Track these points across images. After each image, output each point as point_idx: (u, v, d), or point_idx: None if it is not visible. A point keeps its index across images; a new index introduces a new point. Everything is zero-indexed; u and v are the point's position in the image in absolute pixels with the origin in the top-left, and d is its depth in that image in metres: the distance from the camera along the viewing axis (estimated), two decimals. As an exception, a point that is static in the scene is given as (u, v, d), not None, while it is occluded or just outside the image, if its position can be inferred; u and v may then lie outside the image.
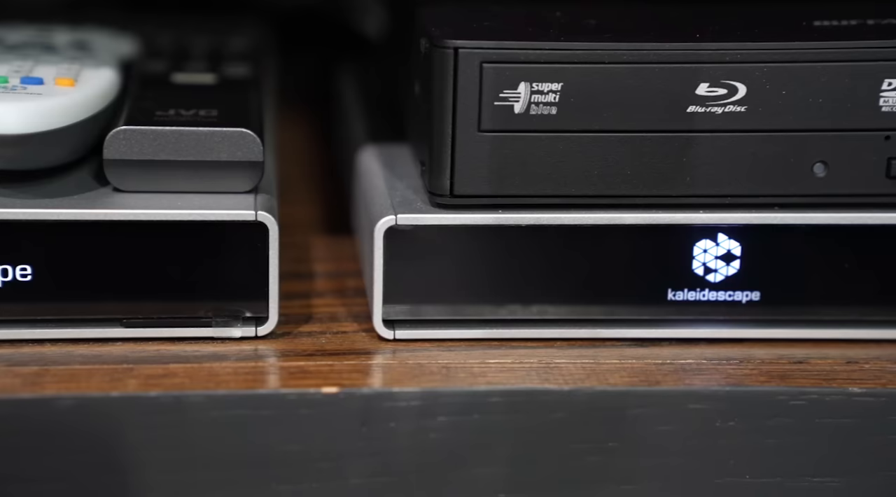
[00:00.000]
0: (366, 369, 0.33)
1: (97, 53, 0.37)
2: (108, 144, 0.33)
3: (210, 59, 0.40)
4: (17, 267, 0.32)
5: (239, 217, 0.33)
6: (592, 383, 0.32)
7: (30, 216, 0.32)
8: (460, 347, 0.34)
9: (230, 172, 0.34)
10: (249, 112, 0.35)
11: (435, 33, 0.32)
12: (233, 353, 0.33)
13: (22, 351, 0.32)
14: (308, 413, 0.31)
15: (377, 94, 0.44)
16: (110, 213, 0.32)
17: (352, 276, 0.38)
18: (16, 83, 0.33)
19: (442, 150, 0.33)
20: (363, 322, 0.35)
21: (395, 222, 0.33)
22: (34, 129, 0.32)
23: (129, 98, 0.35)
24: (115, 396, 0.30)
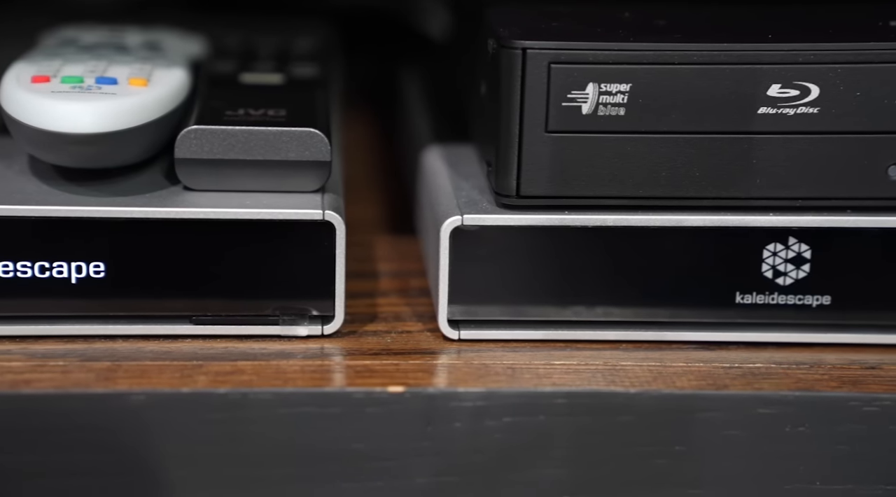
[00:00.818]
0: (431, 369, 0.33)
1: (168, 54, 0.38)
2: (179, 144, 0.33)
3: (277, 59, 0.40)
4: (91, 264, 0.33)
5: (306, 216, 0.33)
6: (659, 386, 0.32)
7: (103, 214, 0.32)
8: (524, 348, 0.34)
9: (298, 172, 0.34)
10: (317, 112, 0.35)
11: (503, 34, 0.32)
12: (299, 351, 0.33)
13: (95, 346, 0.33)
14: (374, 412, 0.31)
15: (441, 94, 0.44)
16: (181, 212, 0.33)
17: (415, 275, 0.38)
18: (91, 83, 0.33)
19: (508, 150, 0.33)
20: (427, 322, 0.35)
21: (461, 223, 0.33)
22: (109, 128, 0.32)
23: (198, 98, 0.36)
24: (185, 392, 0.31)
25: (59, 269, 0.32)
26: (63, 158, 0.33)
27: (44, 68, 0.34)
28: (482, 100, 0.36)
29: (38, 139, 0.32)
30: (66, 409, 0.30)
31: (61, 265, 0.32)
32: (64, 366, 0.31)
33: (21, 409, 0.30)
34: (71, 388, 0.30)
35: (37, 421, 0.30)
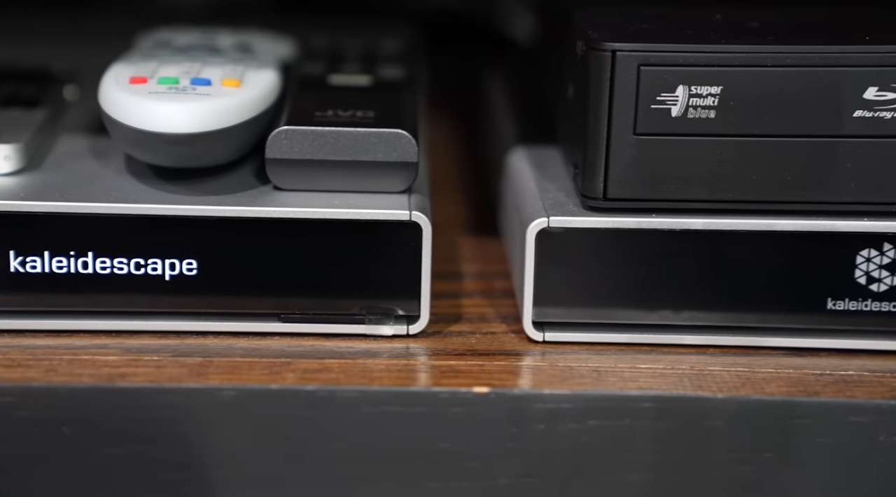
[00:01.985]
0: (515, 370, 0.33)
1: (259, 55, 0.38)
2: (270, 144, 0.34)
3: (364, 61, 0.41)
4: (184, 261, 0.33)
5: (394, 217, 0.33)
6: (748, 392, 0.31)
7: (196, 212, 0.33)
8: (610, 351, 0.34)
9: (386, 172, 0.34)
10: (404, 113, 0.36)
11: (592, 36, 0.32)
12: (385, 351, 0.34)
13: (187, 342, 0.33)
14: (459, 412, 0.32)
15: (526, 96, 0.44)
16: (271, 211, 0.33)
17: (499, 277, 0.38)
18: (186, 84, 0.34)
19: (596, 153, 0.33)
20: (512, 323, 0.35)
21: (548, 224, 0.33)
22: (203, 128, 0.33)
23: (288, 99, 0.36)
24: (275, 389, 0.31)
25: (153, 266, 0.33)
26: (158, 158, 0.34)
27: (141, 70, 0.35)
28: (569, 102, 0.35)
29: (135, 139, 0.33)
30: (160, 404, 0.31)
31: (156, 262, 0.33)
32: (158, 361, 0.32)
33: (117, 402, 0.31)
34: (165, 382, 0.31)
35: (132, 414, 0.31)
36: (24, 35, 0.48)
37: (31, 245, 0.33)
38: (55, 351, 0.32)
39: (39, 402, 0.30)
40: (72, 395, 0.31)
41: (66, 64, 0.42)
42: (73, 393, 0.31)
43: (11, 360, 0.32)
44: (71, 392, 0.31)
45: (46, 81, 0.40)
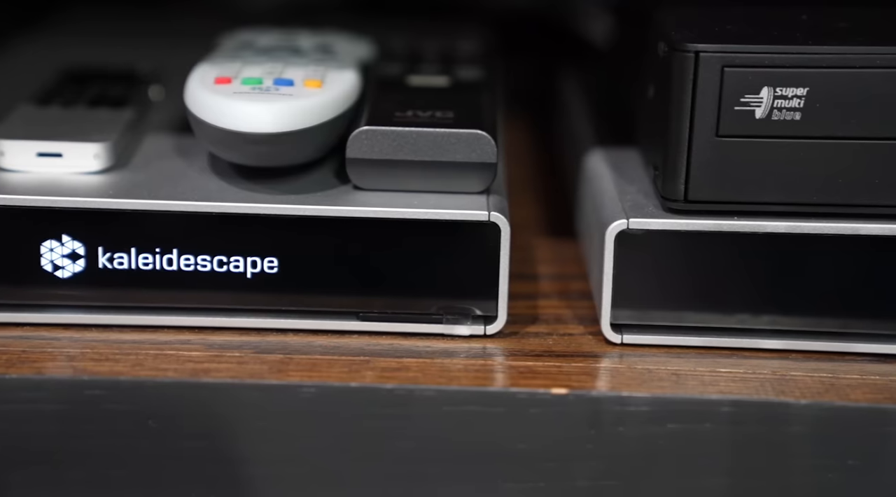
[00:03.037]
0: (594, 372, 0.33)
1: (339, 56, 0.39)
2: (350, 144, 0.34)
3: (442, 61, 0.41)
4: (265, 259, 0.34)
5: (472, 217, 0.33)
6: (832, 398, 0.31)
7: (277, 211, 0.33)
8: (689, 355, 0.34)
9: (465, 173, 0.34)
10: (483, 114, 0.36)
11: (675, 37, 0.32)
12: (462, 350, 0.34)
13: (268, 339, 0.34)
14: (537, 413, 0.32)
15: (603, 97, 0.44)
16: (351, 210, 0.33)
17: (576, 278, 0.38)
18: (269, 85, 0.35)
19: (677, 154, 0.33)
20: (589, 325, 0.35)
21: (627, 226, 0.33)
22: (286, 128, 0.33)
23: (368, 99, 0.37)
24: (354, 387, 0.32)
25: (235, 264, 0.34)
26: (242, 157, 0.34)
27: (225, 70, 0.36)
28: (649, 103, 0.35)
29: (220, 138, 0.34)
30: (242, 399, 0.31)
31: (238, 260, 0.34)
32: (240, 357, 0.33)
33: (201, 397, 0.31)
34: (246, 378, 0.32)
35: (215, 408, 0.31)
36: (109, 36, 0.49)
37: (118, 242, 0.33)
38: (141, 346, 0.33)
39: (127, 396, 0.31)
40: (157, 389, 0.31)
41: (150, 64, 0.43)
42: (159, 387, 0.31)
43: (100, 354, 0.32)
44: (156, 386, 0.31)
45: (132, 82, 0.41)
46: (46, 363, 0.32)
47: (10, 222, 0.33)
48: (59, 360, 0.32)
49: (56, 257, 0.33)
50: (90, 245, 0.33)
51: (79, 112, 0.37)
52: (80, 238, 0.33)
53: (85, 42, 0.47)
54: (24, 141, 0.34)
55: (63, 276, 0.33)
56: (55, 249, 0.33)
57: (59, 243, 0.33)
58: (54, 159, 0.34)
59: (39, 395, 0.31)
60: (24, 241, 0.33)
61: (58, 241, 0.33)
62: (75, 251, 0.33)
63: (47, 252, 0.33)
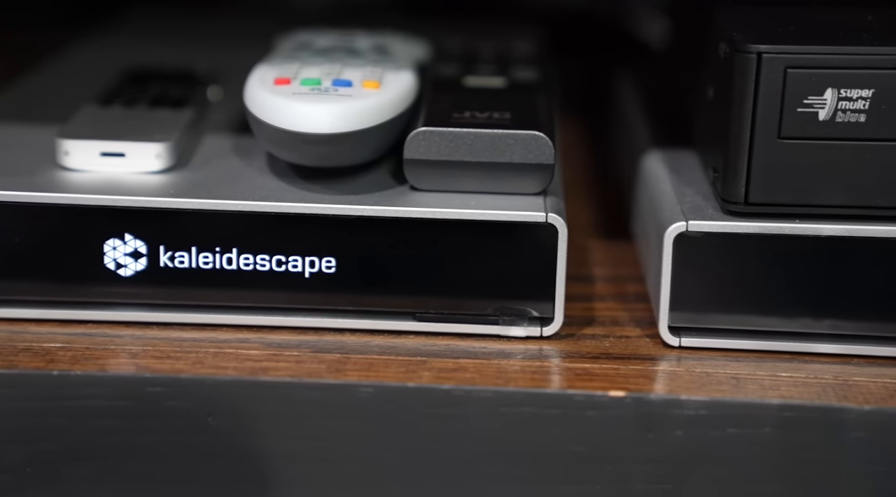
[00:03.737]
0: (651, 375, 0.33)
1: (396, 57, 0.39)
2: (408, 144, 0.34)
3: (498, 63, 0.41)
4: (323, 259, 0.34)
5: (530, 218, 0.33)
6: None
7: (335, 211, 0.34)
8: (748, 358, 0.33)
9: (522, 174, 0.34)
10: (540, 115, 0.36)
11: (737, 37, 0.32)
12: (519, 352, 0.34)
13: (325, 338, 0.34)
14: (594, 415, 0.31)
15: (660, 99, 0.44)
16: (408, 211, 0.34)
17: (632, 280, 0.38)
18: (328, 85, 0.35)
19: (738, 156, 0.32)
20: (646, 327, 0.35)
21: (686, 229, 0.33)
22: (344, 128, 0.34)
23: (425, 100, 0.37)
24: (411, 387, 0.32)
25: (293, 264, 0.34)
26: (301, 157, 0.34)
27: (284, 71, 0.36)
28: (708, 104, 0.35)
29: (279, 138, 0.34)
30: (300, 398, 0.32)
31: (296, 260, 0.34)
32: (298, 356, 0.33)
33: (259, 395, 0.32)
34: (304, 377, 0.32)
35: (273, 406, 0.32)
36: (168, 38, 0.49)
37: (179, 241, 0.34)
38: (201, 344, 0.33)
39: (187, 393, 0.31)
40: (217, 387, 0.31)
41: (207, 65, 0.43)
42: (219, 385, 0.31)
43: (161, 351, 0.33)
44: (216, 384, 0.31)
45: (191, 82, 0.41)
46: (109, 360, 0.32)
47: (74, 221, 0.33)
48: (122, 358, 0.32)
49: (119, 256, 0.34)
50: (152, 244, 0.34)
51: (140, 112, 0.37)
52: (142, 237, 0.33)
53: (145, 43, 0.48)
54: (88, 141, 0.35)
55: (125, 275, 0.34)
56: (118, 248, 0.34)
57: (121, 242, 0.34)
58: (117, 159, 0.35)
59: (102, 392, 0.31)
60: (88, 240, 0.33)
61: (121, 240, 0.34)
62: (137, 250, 0.34)
63: (110, 250, 0.34)
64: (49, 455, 0.31)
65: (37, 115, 0.39)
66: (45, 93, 0.42)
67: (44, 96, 0.42)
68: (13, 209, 0.33)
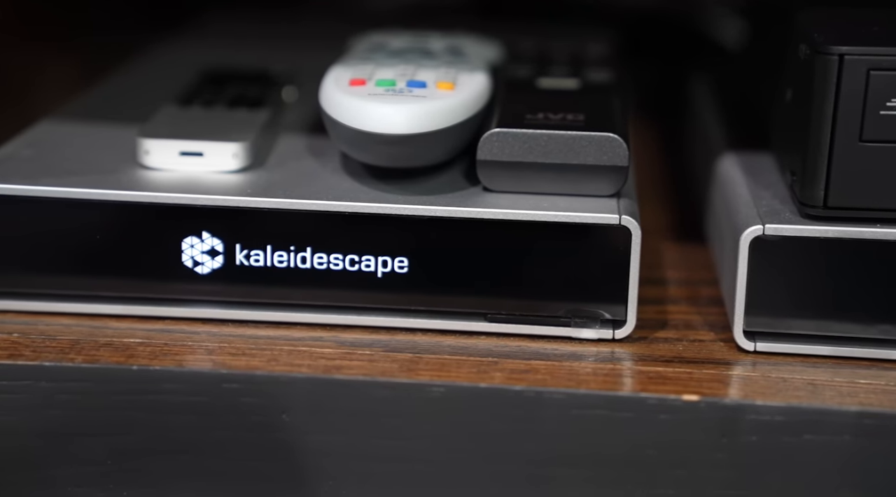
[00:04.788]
0: (726, 379, 0.32)
1: (469, 58, 0.39)
2: (481, 146, 0.34)
3: (571, 64, 0.41)
4: (396, 259, 0.34)
5: (603, 220, 0.33)
6: (980, 414, 0.30)
7: (408, 211, 0.34)
8: (826, 364, 0.33)
9: (596, 176, 0.34)
10: (614, 117, 0.35)
11: (818, 39, 0.31)
12: (590, 354, 0.34)
13: (397, 338, 0.34)
14: (667, 419, 0.31)
15: (735, 101, 0.43)
16: (480, 212, 0.34)
17: (705, 284, 0.38)
18: (402, 86, 0.35)
19: (817, 159, 0.32)
20: (720, 331, 0.35)
21: (762, 232, 0.33)
22: (419, 129, 0.34)
23: (498, 102, 0.37)
24: (483, 387, 0.32)
25: (367, 263, 0.34)
26: (375, 157, 0.35)
27: (359, 72, 0.36)
28: (787, 107, 0.35)
29: (354, 138, 0.34)
30: (373, 397, 0.32)
31: (369, 259, 0.34)
32: (370, 355, 0.33)
33: (333, 393, 0.32)
34: (377, 376, 0.32)
35: (346, 404, 0.32)
36: (244, 39, 0.50)
37: (254, 239, 0.34)
38: (275, 341, 0.34)
39: (262, 390, 0.32)
40: (291, 384, 0.32)
41: (282, 66, 0.44)
42: (293, 382, 0.32)
43: (236, 348, 0.33)
44: (291, 381, 0.32)
45: (267, 83, 0.42)
46: (187, 356, 0.33)
47: (154, 219, 0.34)
48: (199, 354, 0.33)
49: (196, 253, 0.34)
50: (228, 242, 0.34)
51: (218, 112, 0.38)
52: (219, 235, 0.34)
53: (222, 45, 0.49)
54: (168, 140, 0.35)
55: (202, 272, 0.34)
56: (195, 246, 0.34)
57: (199, 240, 0.34)
58: (195, 158, 0.35)
59: (180, 387, 0.32)
60: (167, 238, 0.34)
61: (198, 238, 0.34)
62: (214, 248, 0.34)
63: (188, 248, 0.34)
64: (128, 448, 0.32)
65: (119, 115, 0.39)
66: (127, 93, 0.43)
67: (125, 97, 0.43)
68: (96, 207, 0.34)
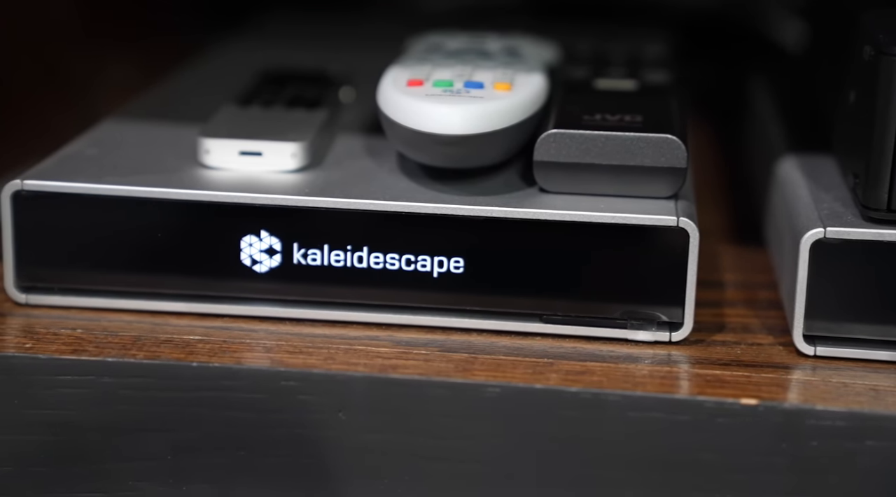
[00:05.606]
0: (785, 384, 0.32)
1: (526, 59, 0.39)
2: (538, 146, 0.34)
3: (628, 65, 0.40)
4: (452, 259, 0.34)
5: (661, 222, 0.33)
6: None
7: (465, 212, 0.34)
8: (888, 370, 0.32)
9: (653, 178, 0.34)
10: (672, 118, 0.35)
11: (883, 40, 0.31)
12: (647, 356, 0.33)
13: (452, 338, 0.34)
14: (725, 423, 0.31)
15: (796, 103, 0.43)
16: (537, 213, 0.34)
17: (763, 287, 0.37)
18: (459, 87, 0.35)
19: (881, 162, 0.31)
20: (779, 335, 0.34)
21: (824, 235, 0.32)
22: (476, 130, 0.34)
23: (555, 103, 0.37)
24: (539, 388, 0.32)
25: (422, 263, 0.34)
26: (432, 158, 0.35)
27: (416, 73, 0.36)
28: (850, 109, 0.34)
29: (411, 139, 0.34)
30: (428, 396, 0.32)
31: (425, 259, 0.34)
32: (426, 354, 0.33)
33: (389, 392, 0.32)
34: (433, 376, 0.32)
35: (402, 404, 0.32)
36: (301, 40, 0.51)
37: (312, 238, 0.34)
38: (332, 340, 0.34)
39: (319, 388, 0.32)
40: (348, 382, 0.32)
41: (340, 67, 0.44)
42: (350, 381, 0.32)
43: (294, 346, 0.33)
44: (347, 380, 0.32)
45: (324, 83, 0.42)
46: (245, 354, 0.33)
47: (213, 217, 0.34)
48: (257, 351, 0.33)
49: (255, 252, 0.35)
50: (286, 241, 0.34)
51: (277, 113, 0.38)
52: (276, 234, 0.34)
53: (280, 45, 0.49)
54: (228, 140, 0.36)
55: (260, 271, 0.35)
56: (254, 244, 0.35)
57: (257, 239, 0.34)
58: (254, 158, 0.36)
59: (239, 384, 0.32)
60: (226, 236, 0.34)
61: (256, 237, 0.34)
62: (272, 246, 0.34)
63: (247, 247, 0.35)
64: (188, 444, 0.32)
65: (180, 115, 0.40)
66: (188, 93, 0.44)
67: (186, 96, 0.43)
68: (156, 205, 0.34)
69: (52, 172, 0.35)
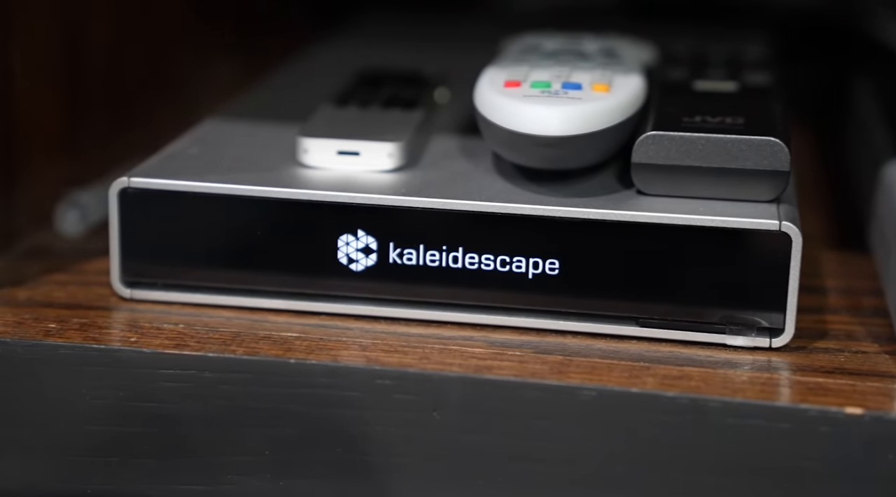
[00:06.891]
0: (892, 393, 0.31)
1: (624, 60, 0.39)
2: (637, 148, 0.34)
3: (727, 66, 0.40)
4: (547, 261, 0.34)
5: (762, 226, 0.32)
6: None
7: (561, 214, 0.34)
8: None
9: (755, 181, 0.33)
10: (775, 121, 0.35)
11: None
12: (746, 362, 0.33)
13: (547, 340, 0.34)
14: (828, 431, 0.30)
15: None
16: (635, 215, 0.33)
17: (868, 294, 0.36)
18: (557, 88, 0.35)
19: None
20: (885, 343, 0.33)
21: (934, 241, 0.31)
22: (574, 131, 0.34)
23: (654, 104, 0.36)
24: (635, 392, 0.31)
25: (517, 264, 0.34)
26: (529, 159, 0.35)
27: (514, 74, 0.36)
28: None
29: (509, 140, 0.34)
30: (523, 397, 0.32)
31: (520, 260, 0.34)
32: (521, 356, 0.33)
33: (483, 392, 0.32)
34: (528, 377, 0.32)
35: (497, 404, 0.32)
36: (397, 40, 0.51)
37: (408, 238, 0.34)
38: (426, 340, 0.34)
39: (414, 387, 0.32)
40: (443, 382, 0.32)
41: (435, 67, 0.44)
42: (445, 381, 0.32)
43: (389, 345, 0.34)
44: (442, 380, 0.32)
45: (420, 84, 0.42)
46: (341, 351, 0.33)
47: (311, 216, 0.35)
48: (353, 349, 0.33)
49: (351, 251, 0.35)
50: (382, 240, 0.35)
51: (374, 113, 0.39)
52: (373, 233, 0.35)
53: (376, 46, 0.50)
54: (326, 140, 0.36)
55: (356, 270, 0.35)
56: (350, 243, 0.35)
57: (354, 238, 0.35)
58: (352, 157, 0.36)
59: (335, 382, 0.32)
60: (324, 235, 0.35)
61: (353, 236, 0.35)
62: (369, 246, 0.35)
63: (343, 245, 0.35)
64: (284, 440, 0.33)
65: (279, 114, 0.41)
66: (287, 92, 0.44)
67: (285, 96, 0.44)
68: (256, 203, 0.35)
69: (156, 170, 0.36)
